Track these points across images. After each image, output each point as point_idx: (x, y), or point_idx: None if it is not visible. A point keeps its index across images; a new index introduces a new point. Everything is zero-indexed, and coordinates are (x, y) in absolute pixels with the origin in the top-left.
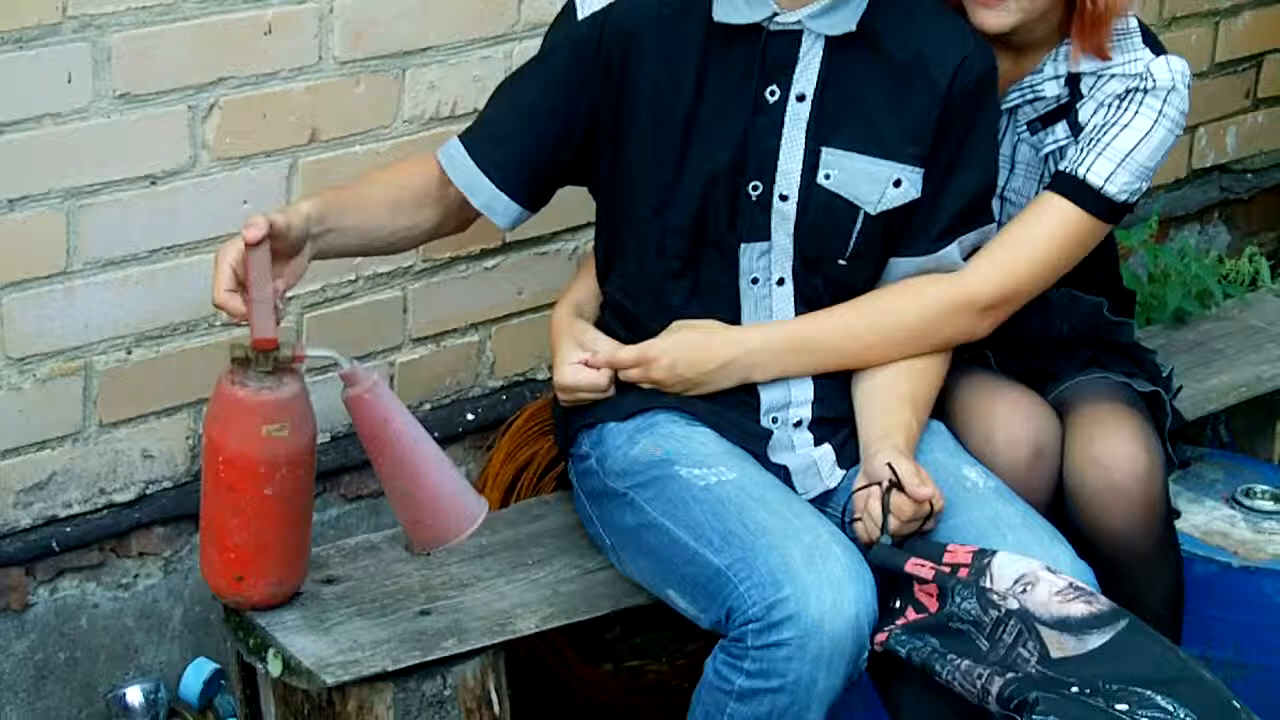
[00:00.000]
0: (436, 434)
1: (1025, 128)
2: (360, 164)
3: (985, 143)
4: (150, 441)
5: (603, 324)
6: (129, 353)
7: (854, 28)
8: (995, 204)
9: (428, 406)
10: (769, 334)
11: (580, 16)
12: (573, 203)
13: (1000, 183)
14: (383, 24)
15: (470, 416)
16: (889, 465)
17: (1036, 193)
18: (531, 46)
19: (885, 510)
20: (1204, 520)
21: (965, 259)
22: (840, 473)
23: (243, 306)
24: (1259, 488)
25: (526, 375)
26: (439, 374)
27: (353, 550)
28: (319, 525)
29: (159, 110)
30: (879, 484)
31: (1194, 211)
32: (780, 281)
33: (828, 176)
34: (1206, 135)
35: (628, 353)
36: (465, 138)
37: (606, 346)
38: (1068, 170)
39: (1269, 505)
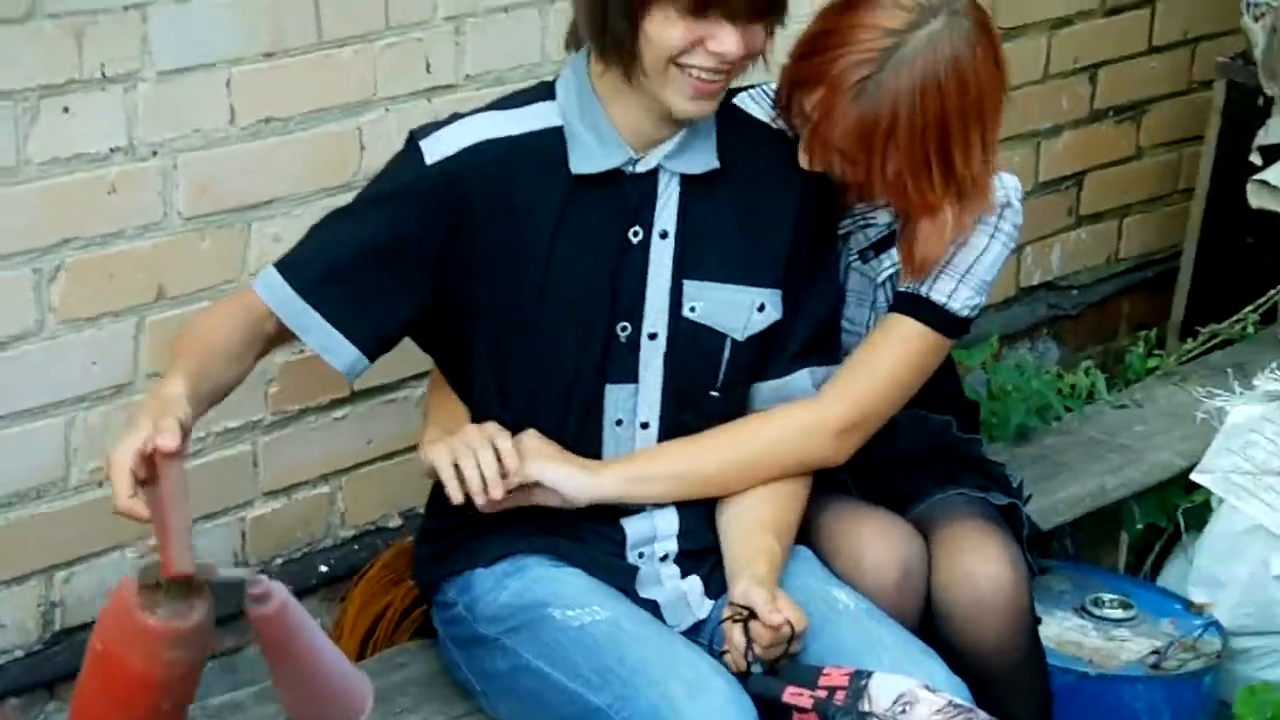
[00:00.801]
0: (291, 586)
1: (857, 255)
2: None
3: (830, 271)
4: (1, 611)
5: None
6: None
7: (715, 164)
8: None
9: (280, 560)
10: (629, 454)
11: (429, 161)
12: (418, 349)
13: None
14: (226, 178)
15: (323, 568)
16: (742, 595)
17: (869, 319)
18: None
19: (749, 639)
20: (1056, 631)
21: (817, 386)
22: (709, 603)
23: (146, 511)
24: (1107, 597)
25: (378, 524)
26: (291, 526)
27: (218, 710)
28: None
29: (3, 275)
30: (737, 614)
31: (1024, 329)
32: (645, 425)
33: (693, 309)
34: (1033, 254)
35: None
36: (292, 276)
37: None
38: (910, 290)
39: (1118, 614)
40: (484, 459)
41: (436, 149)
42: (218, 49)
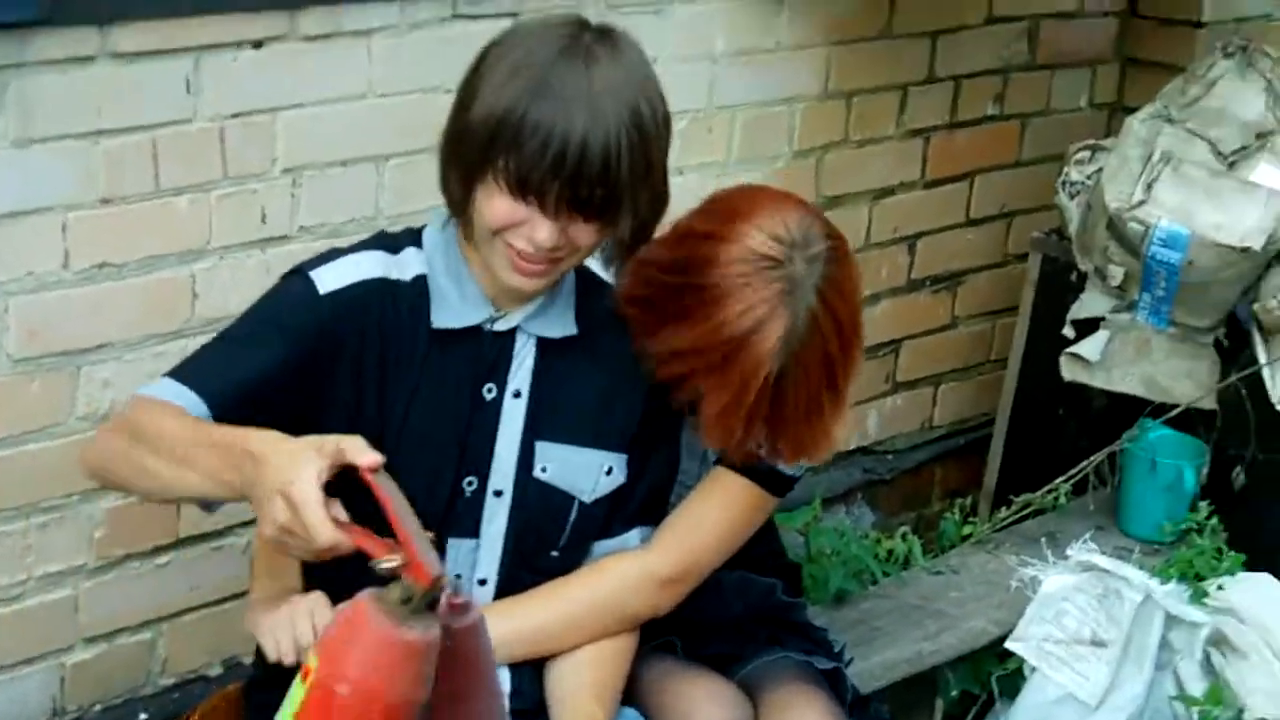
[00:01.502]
0: None
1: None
2: (33, 461)
3: (673, 440)
4: None
5: None
6: None
7: (573, 330)
8: None
9: (99, 708)
10: None
11: (322, 291)
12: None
13: None
14: (58, 322)
15: (143, 716)
16: None
17: (699, 470)
18: (205, 339)
19: None
20: None
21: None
22: None
23: (350, 539)
24: None
25: (199, 672)
26: (110, 673)
27: None
28: None
29: None
30: None
31: (840, 493)
32: (482, 581)
33: (544, 470)
34: (850, 419)
35: None
36: (196, 386)
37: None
38: None
39: None
40: (302, 637)
41: (328, 280)
42: (54, 194)
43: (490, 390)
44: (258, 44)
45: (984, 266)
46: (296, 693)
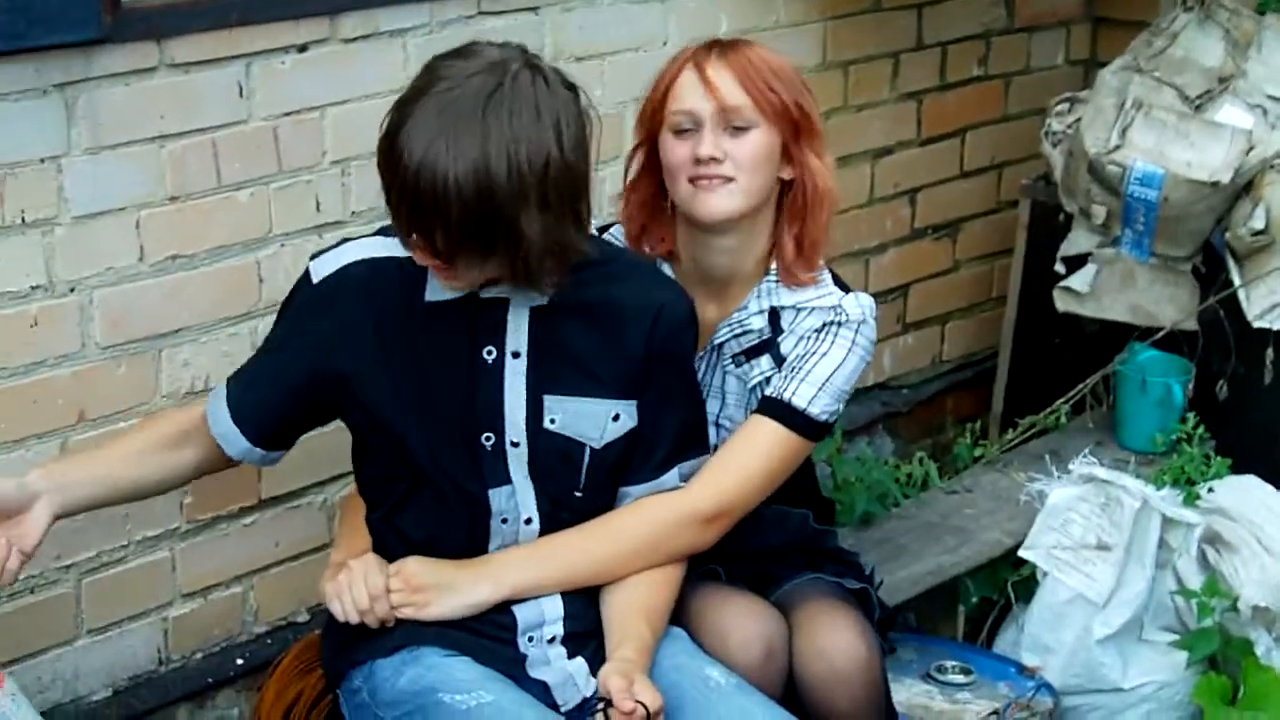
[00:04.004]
0: (209, 679)
1: (731, 361)
2: None
3: (688, 381)
4: None
5: None
6: None
7: (544, 301)
8: (711, 430)
9: (200, 655)
10: (511, 552)
11: (315, 280)
12: (321, 458)
13: (714, 411)
14: (137, 311)
15: (240, 661)
16: (601, 684)
17: (746, 418)
18: (272, 319)
19: None
20: (906, 697)
21: (685, 479)
22: (595, 681)
23: None
24: (949, 663)
25: (288, 619)
26: (208, 625)
27: None
28: None
29: None
30: (594, 706)
31: (862, 425)
32: (528, 521)
33: (553, 421)
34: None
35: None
36: (237, 417)
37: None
38: (774, 395)
39: (960, 679)
40: (360, 601)
41: (321, 269)
42: (126, 195)
43: (490, 353)
44: (302, 48)
45: (979, 214)
46: None
